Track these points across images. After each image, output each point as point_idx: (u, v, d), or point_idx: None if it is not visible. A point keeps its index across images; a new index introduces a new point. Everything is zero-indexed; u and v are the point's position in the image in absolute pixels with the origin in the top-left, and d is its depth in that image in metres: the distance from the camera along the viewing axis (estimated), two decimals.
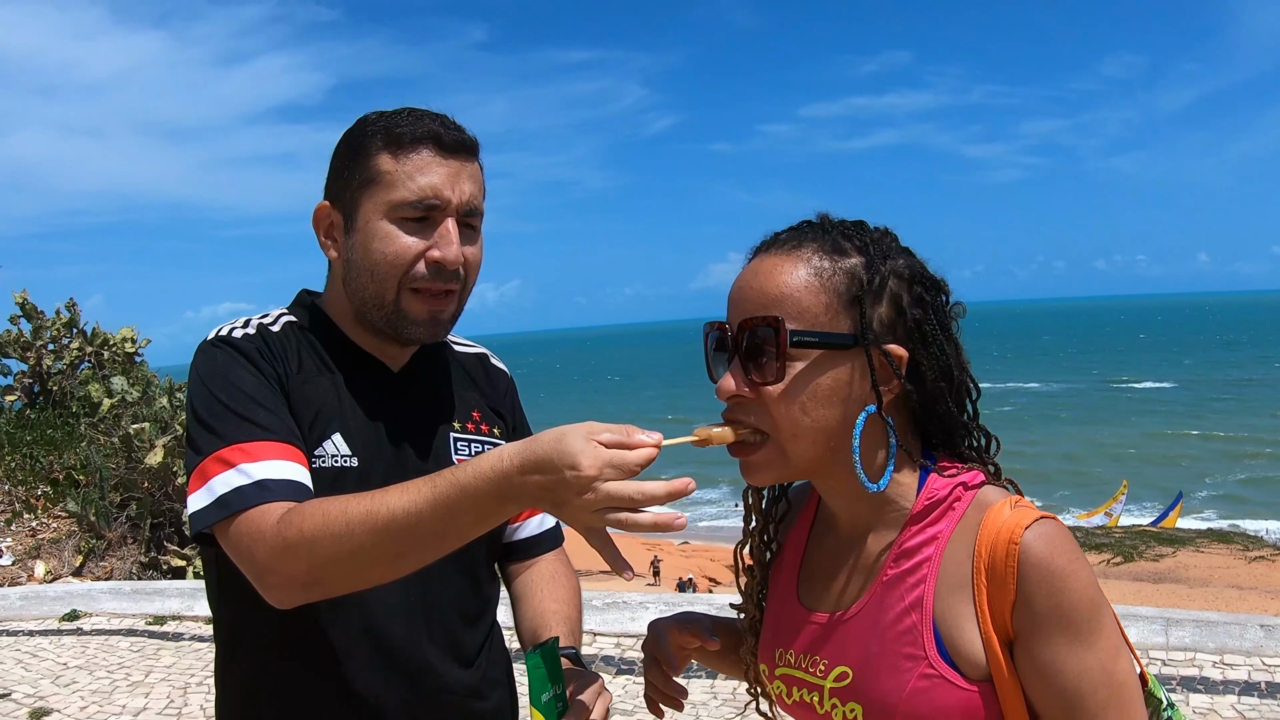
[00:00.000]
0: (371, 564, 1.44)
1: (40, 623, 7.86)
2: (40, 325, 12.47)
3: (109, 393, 11.51)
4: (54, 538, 9.78)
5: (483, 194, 1.77)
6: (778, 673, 1.47)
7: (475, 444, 1.86)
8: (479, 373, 1.99)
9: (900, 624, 1.32)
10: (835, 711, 1.37)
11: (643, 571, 27.33)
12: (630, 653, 6.48)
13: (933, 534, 1.35)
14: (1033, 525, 1.26)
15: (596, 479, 1.23)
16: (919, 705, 1.28)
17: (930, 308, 1.36)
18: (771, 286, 1.33)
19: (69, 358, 12.48)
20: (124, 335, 13.35)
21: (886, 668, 1.32)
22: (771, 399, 1.32)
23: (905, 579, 1.34)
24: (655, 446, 1.27)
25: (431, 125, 1.70)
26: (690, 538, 41.36)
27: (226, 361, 1.66)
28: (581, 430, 1.27)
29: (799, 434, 1.33)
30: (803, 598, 1.48)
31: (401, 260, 1.67)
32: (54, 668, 6.72)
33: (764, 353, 1.31)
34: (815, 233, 1.37)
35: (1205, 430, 52.14)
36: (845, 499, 1.42)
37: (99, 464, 10.01)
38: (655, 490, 1.23)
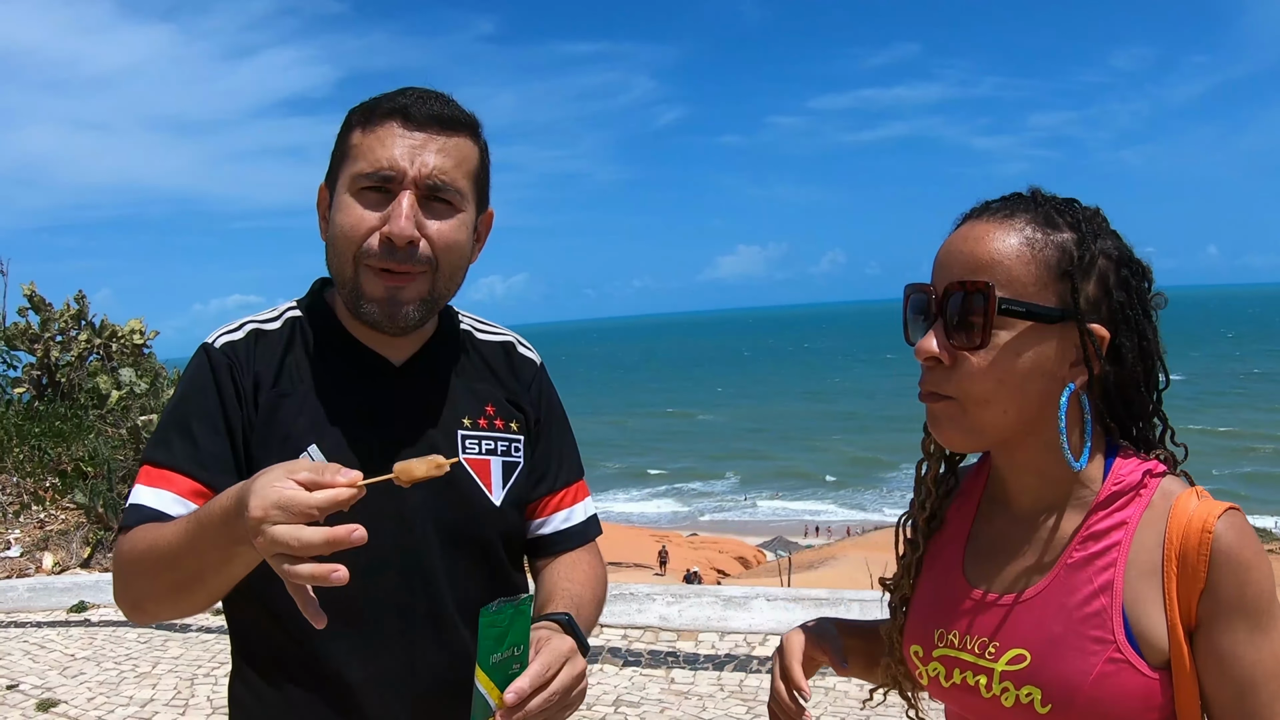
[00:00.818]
0: (164, 592, 1.51)
1: (48, 614, 7.88)
2: (48, 318, 12.46)
3: (117, 385, 11.52)
4: (62, 529, 9.80)
5: (465, 170, 1.67)
6: (936, 654, 1.43)
7: (487, 440, 1.78)
8: (500, 362, 1.89)
9: (1088, 606, 1.31)
10: (1007, 695, 1.34)
11: (650, 562, 27.36)
12: (637, 644, 6.47)
13: (1121, 519, 1.33)
14: (1223, 515, 1.27)
15: (263, 521, 1.22)
16: (1104, 690, 1.27)
17: (1134, 292, 1.36)
18: (982, 251, 1.32)
19: (77, 350, 12.46)
20: (132, 327, 13.34)
21: (1072, 650, 1.30)
22: (971, 365, 1.31)
23: (1093, 561, 1.33)
24: (349, 486, 1.25)
25: (404, 99, 1.64)
26: (699, 529, 41.46)
27: (191, 376, 1.69)
28: (281, 468, 1.26)
29: (991, 401, 1.32)
30: (970, 577, 1.45)
31: (354, 234, 1.62)
32: (61, 659, 6.72)
33: (970, 318, 1.30)
34: (1028, 204, 1.36)
35: (1209, 425, 52.02)
36: (1030, 477, 1.40)
37: (107, 456, 10.02)
38: (312, 538, 1.20)
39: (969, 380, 1.31)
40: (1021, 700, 1.32)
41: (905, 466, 43.69)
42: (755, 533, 40.60)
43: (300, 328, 1.76)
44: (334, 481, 1.25)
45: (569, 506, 1.91)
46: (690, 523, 44.34)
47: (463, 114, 1.68)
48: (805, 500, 48.74)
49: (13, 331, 12.29)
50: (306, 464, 1.29)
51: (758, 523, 43.97)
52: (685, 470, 56.20)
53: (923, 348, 1.34)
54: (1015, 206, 1.35)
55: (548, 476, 1.87)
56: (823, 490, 50.39)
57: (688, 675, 6.02)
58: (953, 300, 1.32)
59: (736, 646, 6.41)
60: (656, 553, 28.25)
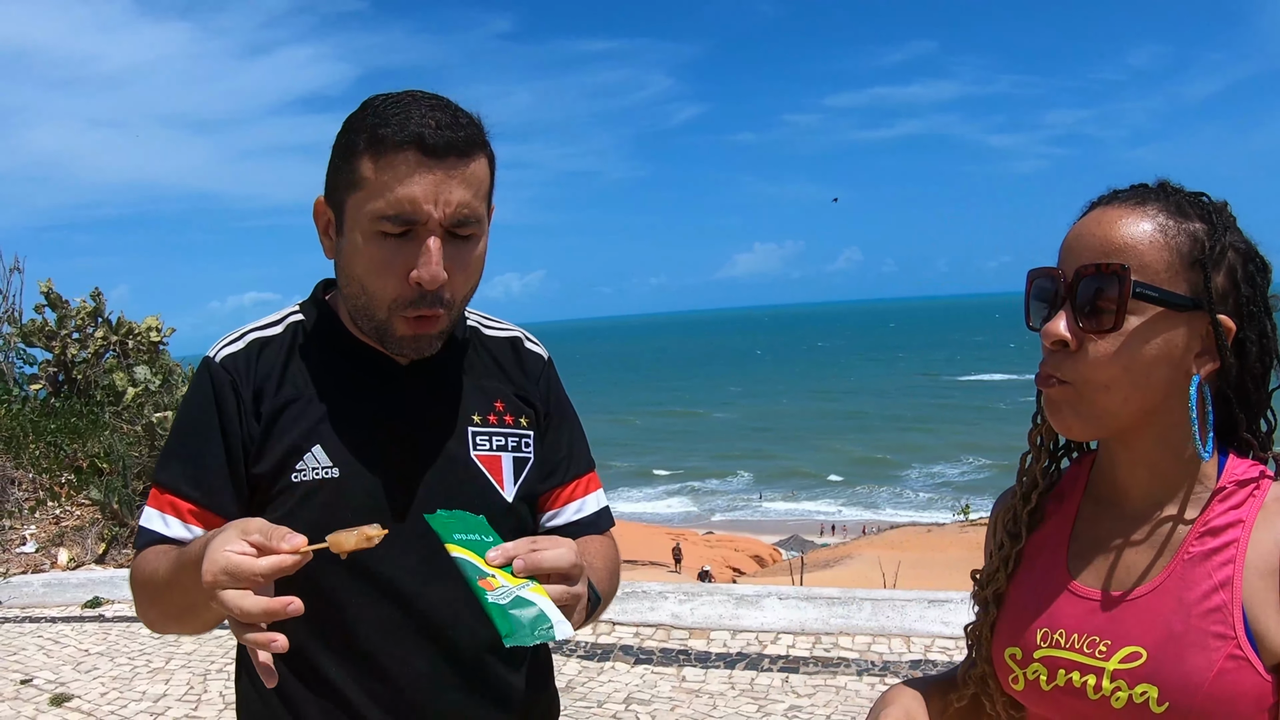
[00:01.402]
0: (167, 619, 1.62)
1: (63, 609, 7.91)
2: (65, 315, 12.52)
3: (133, 382, 11.57)
4: (77, 525, 9.85)
5: (482, 194, 1.63)
6: (1038, 655, 1.39)
7: (498, 437, 1.78)
8: (509, 358, 1.88)
9: (1208, 601, 1.28)
10: (1118, 695, 1.30)
11: (665, 560, 27.37)
12: (649, 642, 6.47)
13: (1238, 516, 1.32)
14: None
15: (213, 585, 1.28)
16: (1224, 687, 1.24)
17: (1259, 287, 1.35)
18: (1116, 235, 1.30)
19: (93, 347, 12.52)
20: (149, 324, 13.40)
21: (1193, 646, 1.27)
22: (1098, 349, 1.30)
23: (1212, 557, 1.30)
24: (292, 552, 1.30)
25: (418, 125, 1.55)
26: (715, 528, 41.44)
27: (192, 394, 1.71)
28: (235, 528, 1.33)
29: (1113, 387, 1.30)
30: (1076, 575, 1.41)
31: (382, 281, 1.59)
32: (75, 654, 6.75)
33: (1102, 301, 1.29)
34: (1159, 193, 1.35)
35: None
36: (1143, 470, 1.38)
37: (122, 452, 10.06)
38: (252, 608, 1.26)
39: (1094, 365, 1.30)
40: (1135, 700, 1.29)
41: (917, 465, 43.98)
42: (770, 531, 40.57)
43: (303, 332, 1.75)
44: (279, 548, 1.30)
45: (580, 498, 1.90)
46: (704, 521, 44.34)
47: (474, 130, 1.62)
48: (820, 499, 48.67)
49: (29, 328, 12.36)
50: (259, 525, 1.34)
51: (773, 521, 43.93)
52: (698, 469, 56.19)
53: (1050, 330, 1.32)
54: (1146, 195, 1.34)
55: (558, 469, 1.87)
56: (836, 489, 50.31)
57: (699, 673, 6.01)
58: (1085, 283, 1.30)
59: (748, 645, 6.40)
60: (671, 550, 28.25)
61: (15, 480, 10.40)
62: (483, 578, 1.37)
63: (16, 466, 10.57)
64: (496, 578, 1.37)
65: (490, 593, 1.35)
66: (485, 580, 1.36)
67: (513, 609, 1.34)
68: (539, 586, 1.38)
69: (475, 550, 1.40)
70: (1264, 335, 1.35)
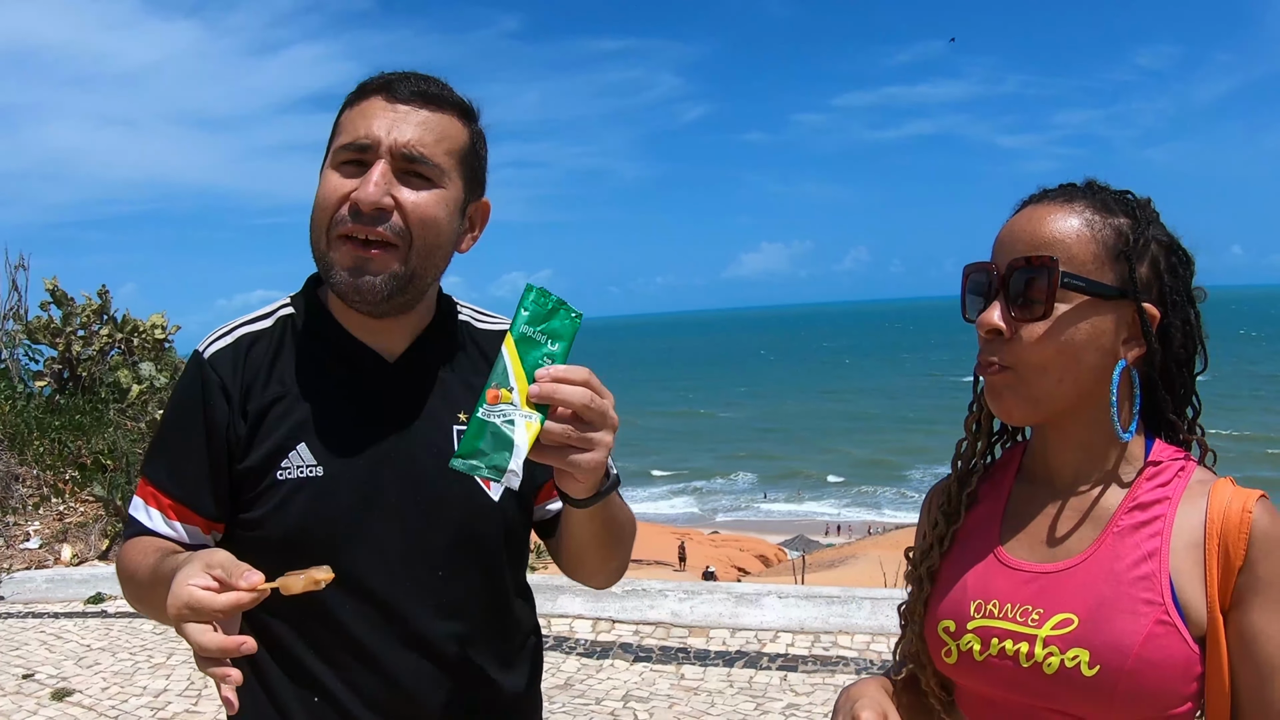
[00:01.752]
0: (148, 614, 1.66)
1: (65, 605, 7.94)
2: (70, 312, 12.56)
3: (137, 379, 11.62)
4: (81, 522, 9.89)
5: (445, 146, 1.64)
6: (971, 626, 1.45)
7: None
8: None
9: (1137, 570, 1.36)
10: (1050, 661, 1.36)
11: (670, 559, 27.37)
12: (649, 640, 6.48)
13: (1164, 493, 1.40)
14: (1260, 499, 1.35)
15: (177, 617, 1.31)
16: (1153, 651, 1.31)
17: (1181, 278, 1.44)
18: (1044, 230, 1.40)
19: (99, 344, 12.56)
20: (154, 322, 13.43)
21: (1123, 612, 1.34)
22: (1032, 336, 1.38)
23: (1140, 529, 1.39)
24: (250, 589, 1.32)
25: (391, 77, 1.65)
26: (720, 528, 41.40)
27: (181, 390, 1.73)
28: (200, 560, 1.36)
29: (1048, 370, 1.39)
30: (1008, 549, 1.48)
31: (327, 202, 1.61)
32: (77, 649, 6.79)
33: (1032, 291, 1.38)
34: (1085, 191, 1.45)
35: (1238, 426, 51.55)
36: (1075, 451, 1.46)
37: (126, 449, 10.10)
38: (207, 643, 1.29)
39: (1028, 349, 1.38)
40: (1067, 664, 1.34)
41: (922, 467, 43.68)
42: (776, 531, 40.53)
43: (293, 325, 1.75)
44: (237, 585, 1.31)
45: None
46: (708, 521, 44.31)
47: (452, 94, 1.67)
48: (825, 500, 48.59)
49: (35, 325, 12.40)
50: (221, 558, 1.36)
51: (777, 521, 43.89)
52: (702, 469, 56.12)
53: (985, 320, 1.41)
54: (1074, 193, 1.44)
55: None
56: (841, 490, 50.23)
57: (698, 671, 6.02)
58: (1016, 275, 1.39)
59: (747, 643, 6.41)
60: (676, 548, 28.24)
61: (19, 476, 10.44)
62: (497, 386, 1.37)
63: (21, 463, 10.61)
64: (513, 392, 1.37)
65: (486, 405, 1.36)
66: (495, 390, 1.36)
67: (486, 433, 1.35)
68: (537, 427, 1.37)
69: (529, 354, 1.39)
70: (1187, 322, 1.44)
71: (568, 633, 6.65)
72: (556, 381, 1.38)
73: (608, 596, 6.92)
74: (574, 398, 1.38)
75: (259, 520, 1.65)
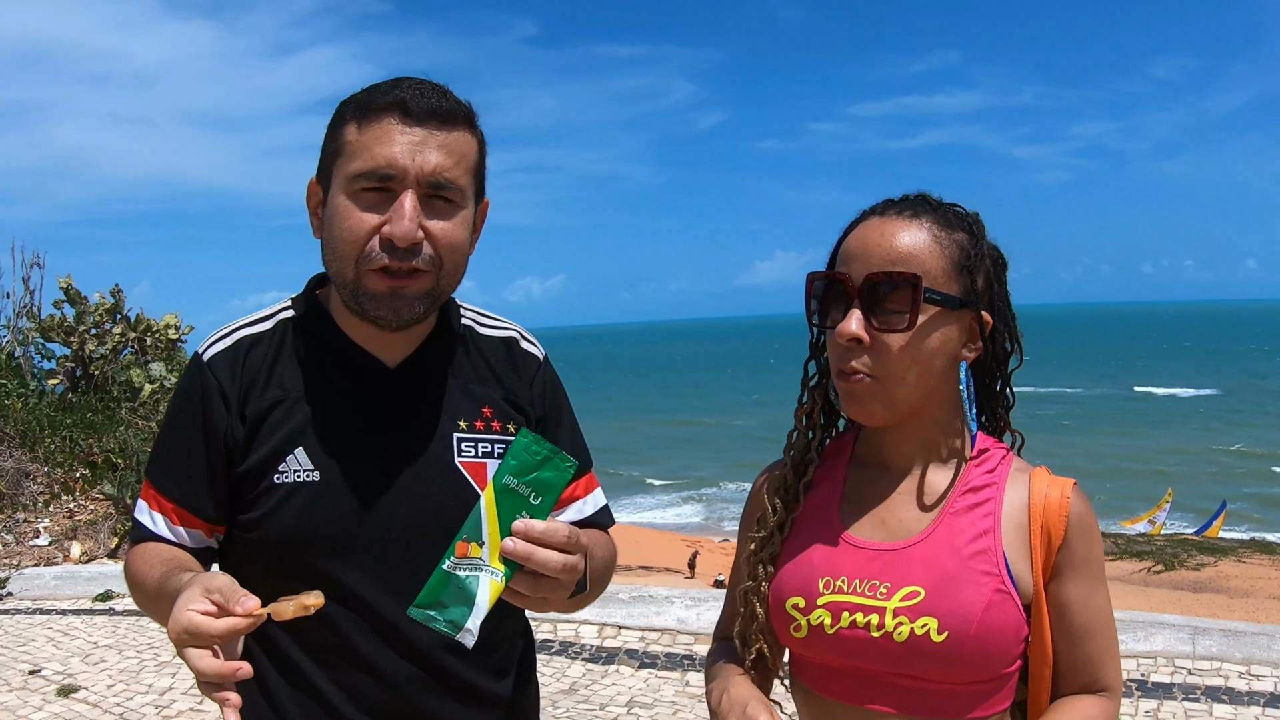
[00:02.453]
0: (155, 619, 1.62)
1: (73, 602, 7.95)
2: (84, 311, 12.62)
3: (149, 378, 11.66)
4: (90, 519, 9.91)
5: (465, 166, 1.64)
6: (821, 601, 1.54)
7: (484, 444, 1.75)
8: (501, 360, 1.85)
9: (974, 545, 1.50)
10: (900, 630, 1.47)
11: (681, 567, 27.34)
12: (654, 646, 6.47)
13: (992, 478, 1.56)
14: (1074, 487, 1.54)
15: (177, 641, 1.33)
16: (994, 617, 1.46)
17: (1004, 284, 1.61)
18: (901, 245, 1.50)
19: (111, 343, 12.61)
20: (167, 322, 13.49)
21: (966, 582, 1.47)
22: (893, 345, 1.49)
23: (974, 509, 1.54)
24: (246, 615, 1.33)
25: (401, 92, 1.59)
26: (730, 536, 41.27)
27: (181, 391, 1.74)
28: (200, 584, 1.37)
29: (906, 379, 1.50)
30: (851, 529, 1.58)
31: (355, 237, 1.59)
32: (84, 646, 6.80)
33: (894, 303, 1.48)
34: (927, 206, 1.55)
35: (1246, 442, 51.32)
36: (913, 442, 1.59)
37: (137, 448, 10.13)
38: (206, 669, 1.31)
39: (892, 359, 1.49)
40: (917, 632, 1.46)
41: None
42: None
43: (293, 329, 1.75)
44: (234, 611, 1.32)
45: (581, 498, 1.90)
46: (718, 530, 44.20)
47: (460, 106, 1.65)
48: None
49: (48, 324, 12.45)
50: (221, 583, 1.36)
51: None
52: (709, 476, 55.98)
53: (845, 330, 1.49)
54: (918, 207, 1.54)
55: None
56: None
57: (703, 678, 6.00)
58: (878, 287, 1.48)
59: None
60: (687, 558, 28.17)
61: (30, 474, 10.48)
62: (468, 539, 1.36)
63: (32, 460, 10.64)
64: (484, 547, 1.36)
65: (454, 558, 1.36)
66: (466, 544, 1.36)
67: (450, 586, 1.35)
68: (501, 585, 1.37)
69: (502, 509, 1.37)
70: (1008, 324, 1.62)
71: (573, 638, 6.64)
72: (535, 543, 1.38)
73: (614, 602, 6.91)
74: (550, 564, 1.39)
75: (256, 522, 1.66)
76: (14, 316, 13.09)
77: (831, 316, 1.54)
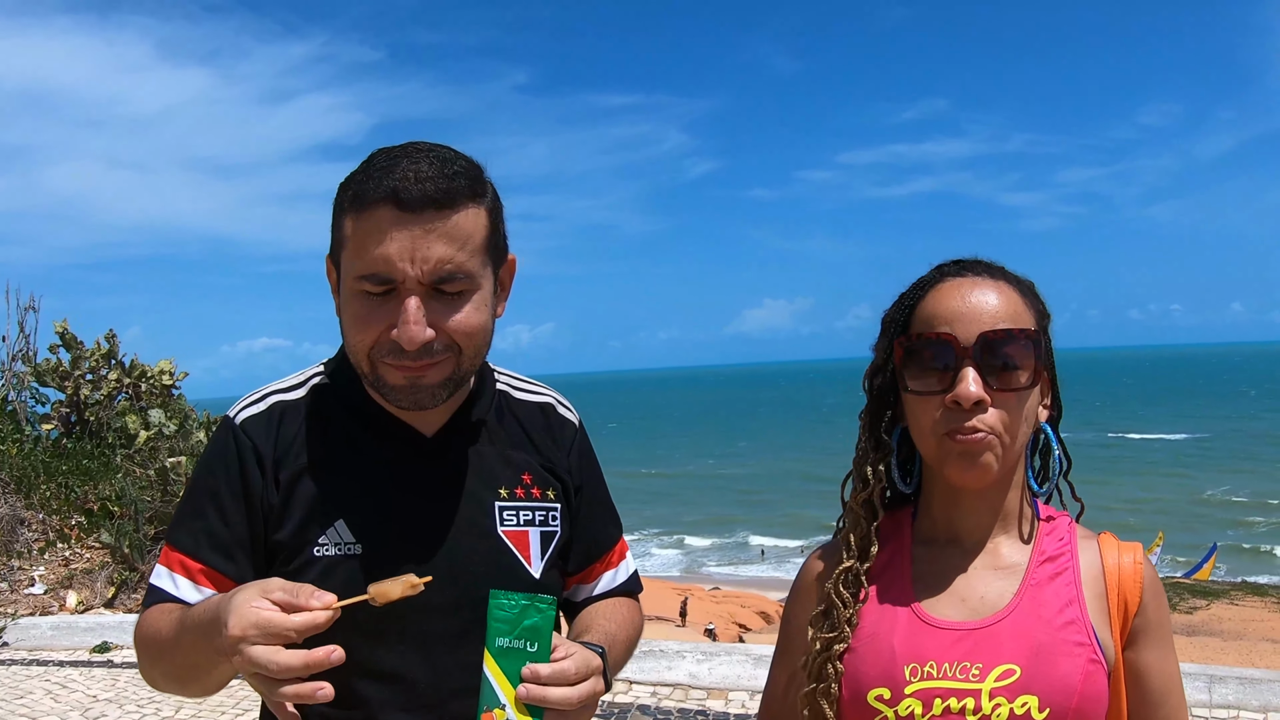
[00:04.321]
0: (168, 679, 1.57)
1: (70, 653, 7.83)
2: (79, 355, 12.55)
3: (146, 425, 11.57)
4: (86, 568, 9.78)
5: (471, 247, 1.53)
6: (909, 690, 1.45)
7: (525, 511, 1.70)
8: (538, 426, 1.80)
9: (1063, 616, 1.46)
10: (999, 712, 1.40)
11: (671, 615, 27.19)
12: (666, 702, 6.38)
13: (1064, 546, 1.53)
14: (1144, 552, 1.53)
15: (241, 640, 1.26)
16: (1090, 688, 1.41)
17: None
18: (1005, 304, 1.47)
19: (107, 389, 12.53)
20: (162, 368, 13.44)
21: (1061, 655, 1.42)
22: (1013, 404, 1.46)
23: (1055, 579, 1.49)
24: (325, 609, 1.29)
25: (397, 179, 1.48)
26: (722, 583, 41.14)
27: (213, 455, 1.66)
28: (255, 587, 1.32)
29: (1018, 437, 1.47)
30: (931, 610, 1.50)
31: (363, 344, 1.54)
32: (84, 699, 6.68)
33: (1014, 361, 1.45)
34: (998, 267, 1.54)
35: (1234, 484, 51.46)
36: (988, 511, 1.54)
37: (134, 496, 10.02)
38: (291, 661, 1.25)
39: (1012, 418, 1.45)
40: (1017, 712, 1.40)
41: None
42: (775, 587, 40.26)
43: (325, 396, 1.70)
44: (309, 605, 1.28)
45: (615, 567, 1.88)
46: (705, 577, 44.04)
47: (461, 180, 1.52)
48: None
49: (44, 368, 12.39)
50: (280, 583, 1.32)
51: (777, 578, 43.59)
52: (697, 524, 55.86)
53: (965, 393, 1.42)
54: (992, 269, 1.53)
55: (596, 545, 1.84)
56: None
57: None
58: (996, 345, 1.44)
59: None
60: (678, 606, 28.03)
61: (25, 520, 10.36)
62: (489, 709, 1.38)
63: (27, 507, 10.53)
64: (505, 709, 1.38)
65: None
66: (489, 713, 1.38)
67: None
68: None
69: (507, 669, 1.40)
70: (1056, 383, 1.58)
71: None
72: (545, 684, 1.39)
73: None
74: (568, 700, 1.41)
75: None
76: (9, 360, 13.02)
77: (926, 382, 1.47)
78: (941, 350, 1.46)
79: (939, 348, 1.47)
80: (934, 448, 1.48)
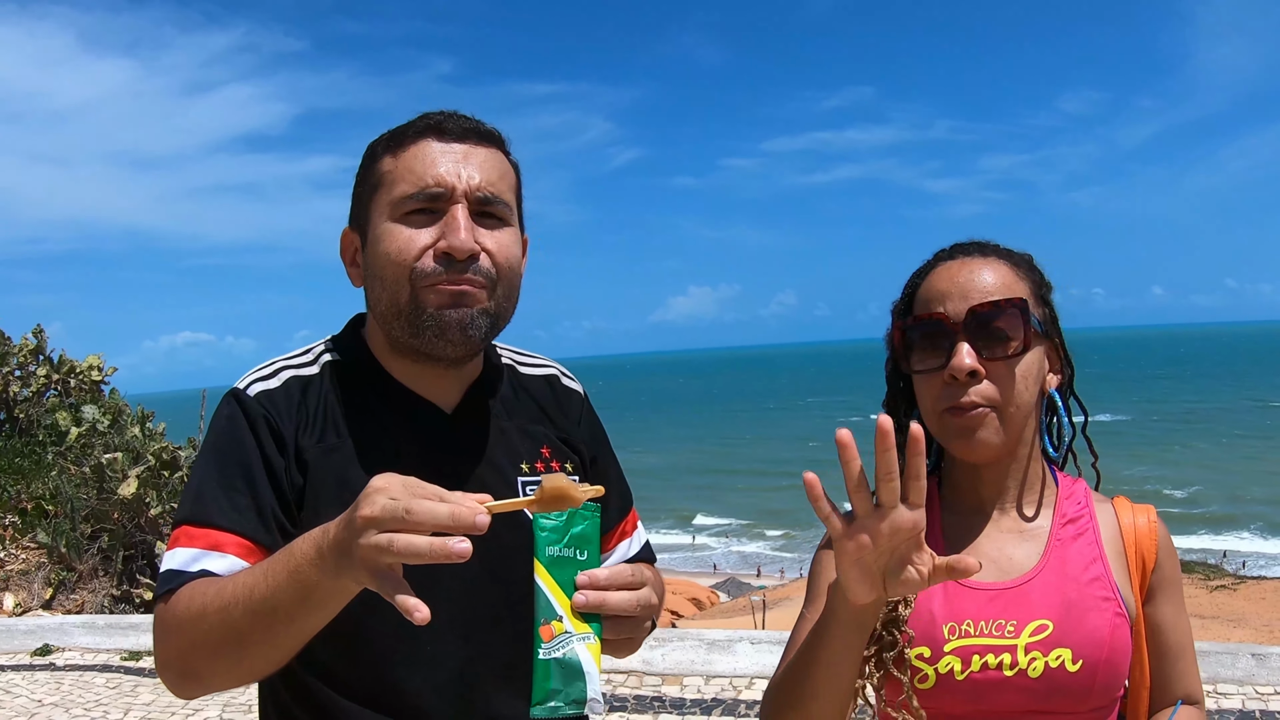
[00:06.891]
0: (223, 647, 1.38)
1: (11, 657, 7.67)
2: (6, 351, 12.26)
3: (78, 421, 11.33)
4: (23, 569, 9.57)
5: (507, 184, 1.60)
6: (948, 649, 1.51)
7: None
8: (548, 399, 1.79)
9: (1088, 573, 1.55)
10: (1034, 665, 1.48)
11: None
12: (622, 689, 6.43)
13: (1082, 508, 1.62)
14: (1156, 514, 1.62)
15: (382, 508, 1.17)
16: (1117, 640, 1.50)
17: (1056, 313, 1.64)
18: (993, 278, 1.54)
19: (36, 385, 12.26)
20: (90, 363, 13.17)
21: (1090, 610, 1.51)
22: (1006, 372, 1.51)
23: (1078, 539, 1.58)
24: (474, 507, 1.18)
25: (433, 119, 1.57)
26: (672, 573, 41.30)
27: (225, 427, 1.57)
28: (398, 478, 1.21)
29: (1021, 406, 1.52)
30: None
31: (406, 255, 1.52)
32: (28, 704, 6.54)
33: (1003, 331, 1.51)
34: (994, 246, 1.62)
35: (1149, 468, 52.76)
36: (1008, 478, 1.61)
37: (70, 494, 9.82)
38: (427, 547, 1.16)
39: (1007, 386, 1.51)
40: (1051, 665, 1.48)
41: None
42: (705, 574, 40.47)
43: (339, 372, 1.65)
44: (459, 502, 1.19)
45: (630, 536, 1.87)
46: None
47: (495, 130, 1.63)
48: (754, 542, 48.66)
49: None
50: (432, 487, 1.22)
51: (706, 564, 43.82)
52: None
53: (960, 364, 1.49)
54: (986, 248, 1.60)
55: (609, 515, 1.77)
56: (769, 532, 50.34)
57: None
58: (985, 318, 1.51)
59: (723, 690, 6.38)
60: None
61: None
62: (547, 621, 1.33)
63: None
64: (563, 620, 1.33)
65: (544, 645, 1.32)
66: (547, 625, 1.33)
67: (555, 671, 1.31)
68: (598, 643, 1.35)
69: (560, 578, 1.34)
70: (1066, 351, 1.64)
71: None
72: (602, 589, 1.35)
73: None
74: (626, 604, 1.37)
75: None
76: None
77: (925, 361, 1.55)
78: (936, 329, 1.54)
79: (933, 326, 1.54)
80: (937, 425, 1.56)
